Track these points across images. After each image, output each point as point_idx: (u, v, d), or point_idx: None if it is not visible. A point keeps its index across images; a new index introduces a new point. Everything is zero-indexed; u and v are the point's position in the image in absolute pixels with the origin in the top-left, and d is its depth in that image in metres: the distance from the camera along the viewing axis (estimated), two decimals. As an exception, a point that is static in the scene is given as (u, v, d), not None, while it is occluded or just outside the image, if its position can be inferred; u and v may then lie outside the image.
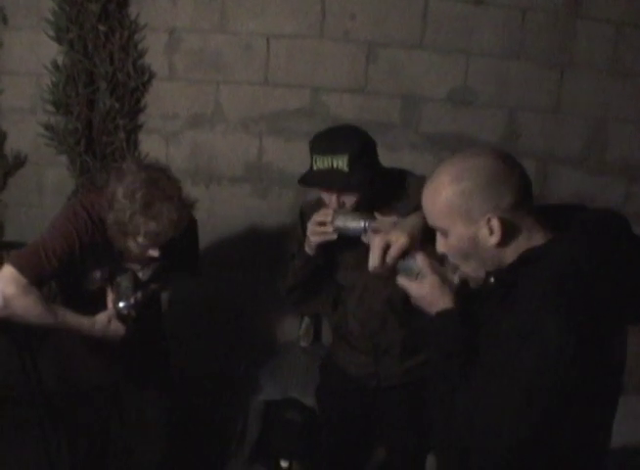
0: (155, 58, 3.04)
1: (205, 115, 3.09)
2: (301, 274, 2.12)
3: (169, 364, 2.59)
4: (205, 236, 2.66)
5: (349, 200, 1.93)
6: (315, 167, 1.91)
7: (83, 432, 2.51)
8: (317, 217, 1.96)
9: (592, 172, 3.00)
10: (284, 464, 2.98)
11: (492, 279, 1.44)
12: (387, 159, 2.04)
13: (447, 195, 1.34)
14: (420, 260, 1.54)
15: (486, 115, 3.02)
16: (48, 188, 3.19)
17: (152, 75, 3.05)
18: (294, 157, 3.05)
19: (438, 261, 1.51)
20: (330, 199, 1.95)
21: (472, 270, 1.42)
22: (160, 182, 1.96)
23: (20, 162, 3.14)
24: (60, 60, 2.98)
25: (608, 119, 3.00)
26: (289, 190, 3.12)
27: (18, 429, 3.06)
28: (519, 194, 1.32)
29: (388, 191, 2.03)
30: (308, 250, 2.03)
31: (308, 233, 1.99)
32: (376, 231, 1.81)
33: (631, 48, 2.91)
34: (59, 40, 2.96)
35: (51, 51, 2.98)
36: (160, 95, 3.07)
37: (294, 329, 3.22)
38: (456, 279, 1.50)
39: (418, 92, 3.00)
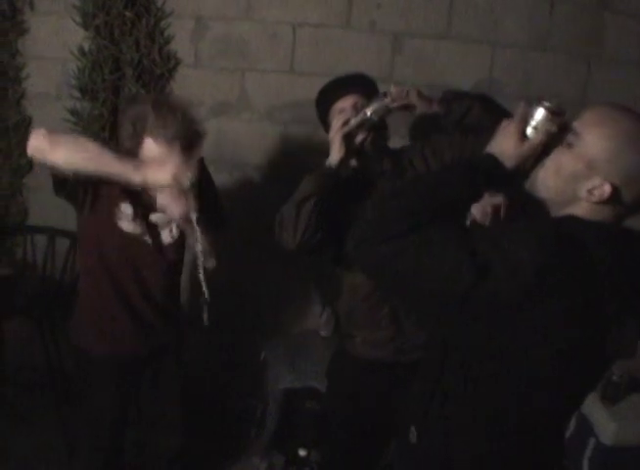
0: (181, 45, 3.04)
1: (231, 103, 3.10)
2: (317, 188, 2.05)
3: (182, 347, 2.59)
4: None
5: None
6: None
7: (102, 416, 2.54)
8: (341, 117, 2.05)
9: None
10: (302, 453, 2.99)
11: None
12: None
13: (617, 134, 1.28)
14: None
15: (512, 106, 3.00)
16: (72, 173, 3.20)
17: (177, 62, 3.05)
18: (318, 146, 3.05)
19: None
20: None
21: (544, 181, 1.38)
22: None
23: (44, 147, 3.16)
24: (86, 46, 2.98)
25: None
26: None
27: (36, 413, 3.11)
28: None
29: None
30: (333, 157, 2.05)
31: (332, 131, 2.04)
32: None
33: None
34: (85, 26, 2.96)
35: (77, 37, 2.98)
36: (186, 82, 3.07)
37: (315, 318, 3.22)
38: None
39: (443, 83, 2.96)
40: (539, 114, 1.35)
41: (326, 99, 2.25)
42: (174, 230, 2.31)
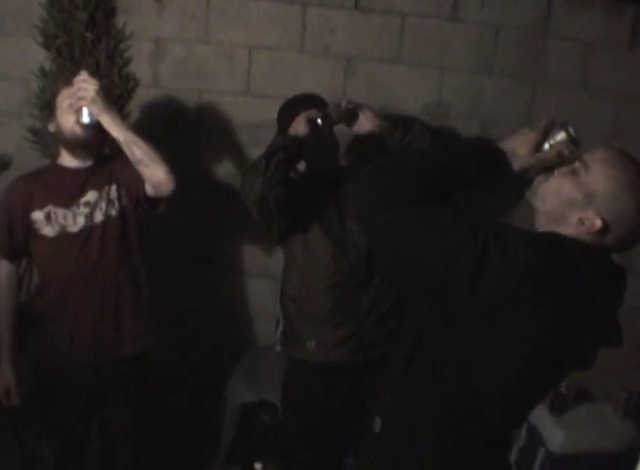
0: (140, 66, 3.12)
1: (188, 123, 3.17)
2: (285, 145, 2.35)
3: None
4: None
5: None
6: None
7: (61, 433, 2.56)
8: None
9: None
10: (258, 466, 3.02)
11: None
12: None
13: (622, 178, 1.37)
14: None
15: (460, 127, 3.13)
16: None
17: (136, 83, 3.12)
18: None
19: None
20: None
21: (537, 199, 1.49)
22: None
23: (5, 164, 3.20)
24: (47, 66, 3.06)
25: (579, 134, 3.10)
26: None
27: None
28: (628, 235, 1.41)
29: None
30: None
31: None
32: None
33: (599, 65, 3.04)
34: (47, 47, 3.03)
35: (39, 57, 3.05)
36: (145, 103, 3.14)
37: (270, 334, 3.27)
38: None
39: (394, 105, 3.08)
40: (560, 136, 1.47)
41: (292, 109, 2.46)
42: (103, 206, 2.37)
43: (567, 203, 1.41)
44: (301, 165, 2.49)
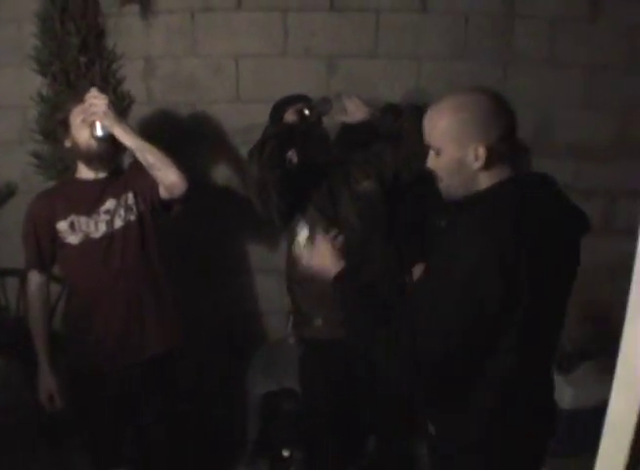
0: (133, 84, 3.28)
1: (184, 133, 3.32)
2: (278, 132, 2.55)
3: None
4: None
5: None
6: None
7: (96, 436, 2.67)
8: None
9: (542, 154, 3.27)
10: (285, 453, 3.12)
11: (443, 223, 1.74)
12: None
13: (447, 120, 1.58)
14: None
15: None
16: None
17: (131, 101, 3.28)
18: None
19: None
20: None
21: (449, 187, 1.66)
22: None
23: (11, 191, 3.32)
24: (44, 91, 3.20)
25: (551, 107, 3.32)
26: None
27: (24, 451, 3.16)
28: (506, 131, 1.58)
29: None
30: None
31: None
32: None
33: (565, 40, 3.23)
34: (43, 73, 3.18)
35: (35, 84, 3.19)
36: (141, 119, 3.29)
37: (281, 328, 3.40)
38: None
39: (376, 96, 3.23)
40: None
41: (283, 105, 2.67)
42: (122, 213, 2.50)
43: (458, 167, 1.61)
44: (294, 157, 2.63)
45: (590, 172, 3.40)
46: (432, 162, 1.66)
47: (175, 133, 3.30)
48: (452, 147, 1.59)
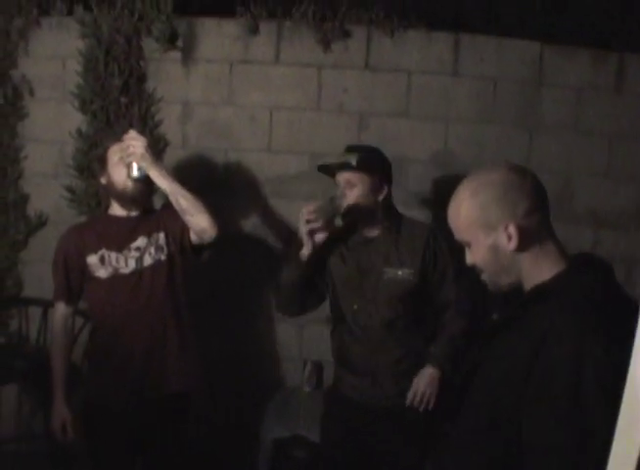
0: (169, 128, 3.39)
1: (215, 179, 3.42)
2: (295, 275, 2.47)
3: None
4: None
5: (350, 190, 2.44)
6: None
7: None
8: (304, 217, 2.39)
9: (562, 221, 3.32)
10: (294, 500, 3.12)
11: (495, 316, 1.61)
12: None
13: (467, 209, 1.46)
14: None
15: (466, 174, 3.36)
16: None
17: (167, 144, 3.39)
18: (294, 216, 3.35)
19: None
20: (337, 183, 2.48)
21: (491, 276, 1.54)
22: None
23: (41, 222, 3.40)
24: (83, 128, 3.31)
25: (574, 174, 3.40)
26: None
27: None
28: (533, 201, 1.43)
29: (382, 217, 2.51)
30: (304, 250, 2.42)
31: (300, 229, 2.41)
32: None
33: (591, 109, 3.34)
34: (83, 111, 3.30)
35: (74, 120, 3.32)
36: (175, 162, 3.38)
37: (298, 374, 3.42)
38: None
39: (404, 155, 3.35)
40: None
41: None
42: (152, 251, 2.56)
43: (495, 252, 1.46)
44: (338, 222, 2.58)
45: (609, 240, 3.46)
46: (468, 257, 1.55)
47: (207, 178, 3.39)
48: (481, 235, 1.47)
